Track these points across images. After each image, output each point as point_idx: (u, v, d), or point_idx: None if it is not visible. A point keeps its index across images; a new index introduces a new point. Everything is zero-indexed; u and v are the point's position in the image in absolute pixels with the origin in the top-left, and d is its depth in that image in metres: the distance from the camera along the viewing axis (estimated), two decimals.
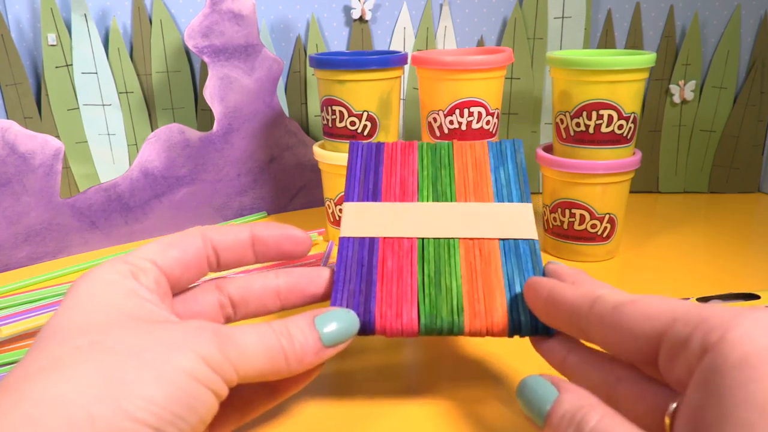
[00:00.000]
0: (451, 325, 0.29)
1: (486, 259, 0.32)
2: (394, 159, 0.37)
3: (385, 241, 0.33)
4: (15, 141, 0.51)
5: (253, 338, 0.25)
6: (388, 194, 0.35)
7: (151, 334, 0.23)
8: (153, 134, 0.58)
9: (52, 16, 0.62)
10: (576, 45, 0.67)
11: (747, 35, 0.66)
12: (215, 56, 0.59)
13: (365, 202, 0.35)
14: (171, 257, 0.28)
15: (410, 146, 0.38)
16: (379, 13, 0.67)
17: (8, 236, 0.53)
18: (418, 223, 0.33)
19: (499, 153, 0.38)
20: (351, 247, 0.33)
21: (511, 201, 0.35)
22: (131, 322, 0.24)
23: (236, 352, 0.24)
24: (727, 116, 0.67)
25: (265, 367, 0.25)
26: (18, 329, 0.42)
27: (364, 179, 0.36)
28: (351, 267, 0.32)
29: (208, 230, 0.30)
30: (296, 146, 0.66)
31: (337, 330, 0.27)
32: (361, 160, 0.37)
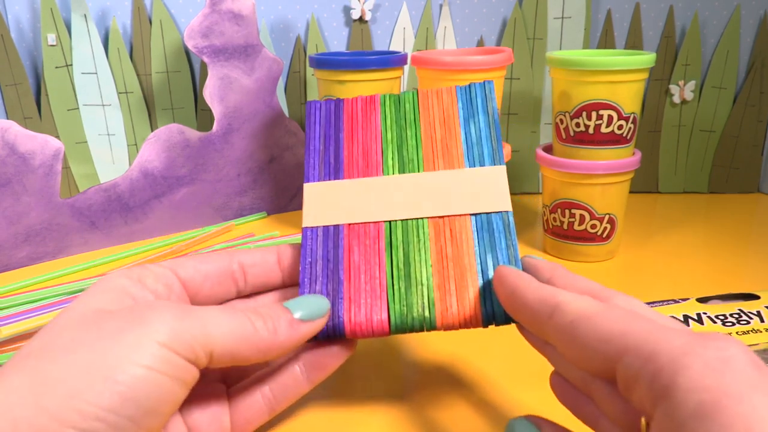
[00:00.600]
0: (422, 322, 0.28)
1: (457, 241, 0.30)
2: (355, 121, 0.34)
3: (350, 228, 0.31)
4: (15, 141, 0.51)
5: (216, 311, 0.24)
6: (351, 168, 0.33)
7: (99, 325, 0.22)
8: (153, 134, 0.58)
9: (52, 17, 0.62)
10: (576, 45, 0.67)
11: (747, 35, 0.66)
12: (215, 56, 0.59)
13: (327, 181, 0.32)
14: (191, 266, 0.28)
15: (372, 101, 0.35)
16: (378, 14, 0.67)
17: (8, 236, 0.53)
18: (384, 202, 0.31)
19: (468, 102, 0.35)
20: (315, 239, 0.31)
21: (483, 164, 0.32)
22: (90, 317, 0.23)
23: (198, 325, 0.23)
24: (727, 116, 0.67)
25: (234, 342, 0.24)
26: (18, 329, 0.42)
27: (324, 151, 0.33)
28: (316, 264, 0.30)
29: (235, 251, 0.31)
30: (296, 146, 0.66)
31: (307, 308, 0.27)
32: (319, 127, 0.34)
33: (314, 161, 0.33)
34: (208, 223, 0.64)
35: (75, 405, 0.20)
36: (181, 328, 0.22)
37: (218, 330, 0.23)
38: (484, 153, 0.33)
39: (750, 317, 0.38)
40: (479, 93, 0.35)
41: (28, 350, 0.22)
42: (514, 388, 0.35)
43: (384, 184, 0.32)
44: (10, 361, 0.22)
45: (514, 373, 0.37)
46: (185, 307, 0.24)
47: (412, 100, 0.35)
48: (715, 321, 0.38)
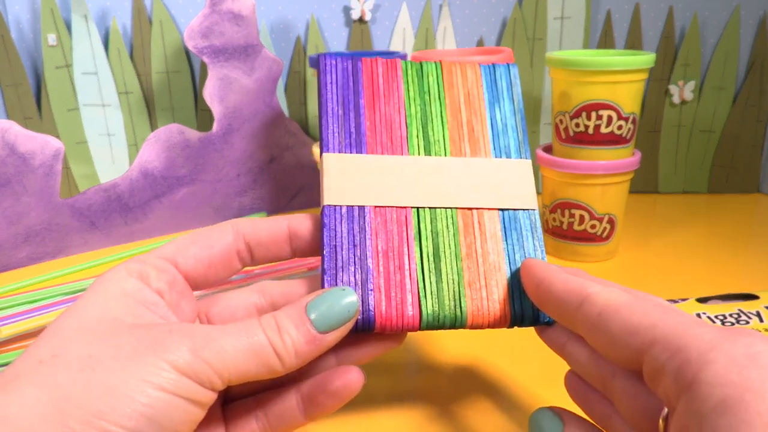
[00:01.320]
0: (453, 320, 0.27)
1: (486, 237, 0.29)
2: (375, 86, 0.32)
3: (377, 211, 0.29)
4: (15, 141, 0.51)
5: (234, 337, 0.23)
6: (374, 142, 0.30)
7: (115, 341, 0.22)
8: (153, 134, 0.58)
9: (52, 17, 0.62)
10: (575, 45, 0.67)
11: (746, 36, 0.66)
12: (215, 57, 0.59)
13: (349, 154, 0.30)
14: (191, 255, 0.27)
15: (393, 67, 0.32)
16: (378, 14, 0.67)
17: (8, 236, 0.53)
18: (411, 186, 0.29)
19: (493, 84, 0.33)
20: (338, 219, 0.28)
21: (509, 155, 0.31)
22: (103, 327, 0.23)
23: (214, 354, 0.22)
24: (727, 116, 0.67)
25: (251, 366, 0.23)
26: (18, 329, 0.42)
27: (343, 116, 0.31)
28: (342, 248, 0.28)
29: (240, 223, 0.28)
30: (296, 146, 0.66)
31: (332, 313, 0.25)
32: (336, 87, 0.31)
33: (333, 127, 0.30)
34: (208, 223, 0.64)
35: (100, 425, 0.20)
36: (200, 358, 0.22)
37: (237, 358, 0.23)
38: (510, 144, 0.32)
39: (749, 317, 0.38)
40: (504, 76, 0.33)
41: (39, 356, 0.21)
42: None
43: (410, 165, 0.30)
44: (21, 366, 0.21)
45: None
46: (203, 334, 0.23)
47: (435, 72, 0.33)
48: (714, 321, 0.38)
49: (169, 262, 0.27)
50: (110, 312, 0.23)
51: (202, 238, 0.27)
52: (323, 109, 0.31)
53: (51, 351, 0.22)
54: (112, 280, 0.25)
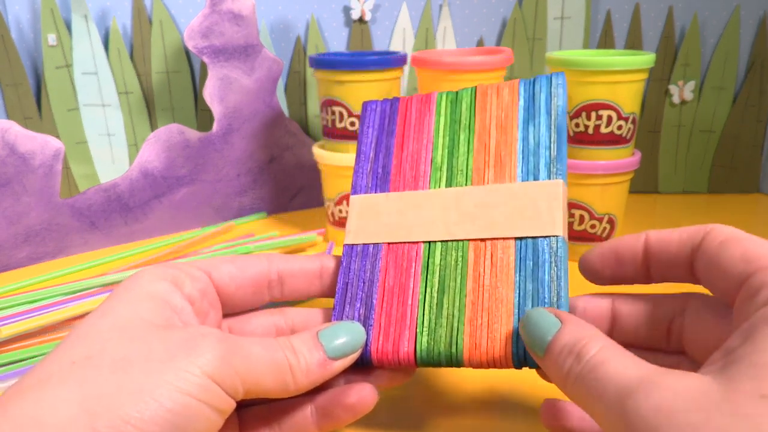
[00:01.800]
0: (449, 358, 0.26)
1: (497, 269, 0.27)
2: (408, 124, 0.32)
3: (389, 248, 0.29)
4: (15, 141, 0.51)
5: (258, 347, 0.24)
6: (398, 178, 0.31)
7: (148, 343, 0.22)
8: (153, 134, 0.58)
9: (53, 17, 0.62)
10: (575, 45, 0.67)
11: (746, 36, 0.66)
12: (215, 57, 0.59)
13: (373, 194, 0.31)
14: (226, 272, 0.28)
15: (427, 101, 0.32)
16: (378, 14, 0.67)
17: (8, 236, 0.53)
18: (427, 220, 0.29)
19: (531, 99, 0.31)
20: (354, 257, 0.30)
21: (537, 177, 0.29)
22: (135, 329, 0.23)
23: (242, 361, 0.23)
24: (727, 116, 0.67)
25: (269, 380, 0.24)
26: (18, 329, 0.42)
27: (374, 159, 0.31)
28: (353, 285, 0.29)
29: (275, 256, 0.30)
30: (296, 146, 0.66)
31: (341, 342, 0.26)
32: (372, 131, 0.32)
33: (363, 170, 0.32)
34: (208, 223, 0.64)
35: (126, 429, 0.20)
36: (229, 364, 0.22)
37: (259, 369, 0.24)
38: (540, 164, 0.29)
39: None
40: (544, 88, 0.31)
41: (72, 357, 0.22)
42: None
43: (429, 199, 0.30)
44: (55, 367, 0.21)
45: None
46: (234, 341, 0.23)
47: (469, 98, 0.32)
48: None
49: (204, 272, 0.27)
50: (141, 313, 0.24)
51: (239, 260, 0.29)
52: (358, 152, 0.32)
53: (84, 352, 0.22)
54: (143, 282, 0.25)
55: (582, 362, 0.21)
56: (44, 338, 0.43)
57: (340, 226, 0.57)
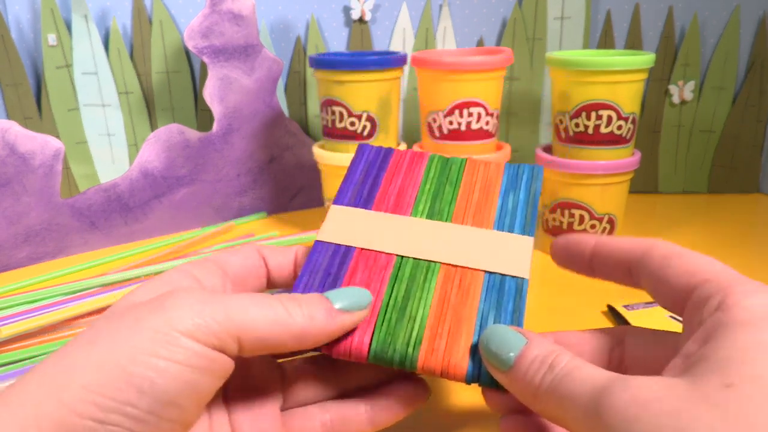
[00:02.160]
0: (403, 357, 0.26)
1: (463, 292, 0.28)
2: (399, 167, 0.34)
3: (361, 252, 0.30)
4: (15, 141, 0.51)
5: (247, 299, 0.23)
6: (381, 203, 0.32)
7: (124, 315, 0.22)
8: (153, 135, 0.58)
9: (53, 17, 0.62)
10: (575, 45, 0.67)
11: (746, 36, 0.66)
12: (215, 57, 0.59)
13: (353, 208, 0.32)
14: (235, 263, 0.28)
15: (420, 157, 0.34)
16: (378, 14, 0.67)
17: (8, 236, 0.53)
18: (403, 239, 0.30)
19: (514, 176, 0.34)
20: (323, 252, 0.30)
21: (512, 231, 0.31)
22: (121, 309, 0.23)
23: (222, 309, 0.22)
24: (727, 116, 0.67)
25: (267, 329, 0.23)
26: (18, 329, 0.42)
27: (360, 184, 0.33)
28: (316, 274, 0.29)
29: (261, 246, 0.30)
30: (296, 146, 0.66)
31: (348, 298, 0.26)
32: (363, 164, 0.34)
33: (347, 189, 0.33)
34: (208, 223, 0.64)
35: (92, 398, 0.20)
36: (204, 315, 0.22)
37: (245, 315, 0.22)
38: (516, 222, 0.32)
39: None
40: (526, 172, 0.35)
41: (63, 346, 0.22)
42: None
43: (408, 223, 0.31)
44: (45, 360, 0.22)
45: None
46: (208, 294, 0.23)
47: (459, 164, 0.35)
48: None
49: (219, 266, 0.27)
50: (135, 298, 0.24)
51: (237, 251, 0.29)
52: (346, 178, 0.33)
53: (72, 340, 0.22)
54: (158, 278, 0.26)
55: (555, 371, 0.22)
56: (44, 338, 0.43)
57: None
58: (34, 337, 0.43)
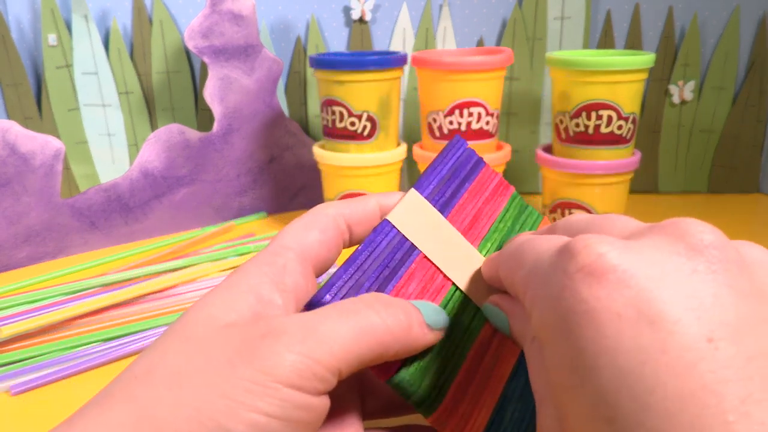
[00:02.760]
0: (422, 400, 0.24)
1: (497, 360, 0.26)
2: (483, 188, 0.31)
3: (423, 260, 0.27)
4: (15, 141, 0.51)
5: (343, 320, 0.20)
6: (457, 218, 0.29)
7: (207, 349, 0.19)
8: (153, 135, 0.58)
9: (53, 17, 0.62)
10: (575, 45, 0.67)
11: (746, 36, 0.66)
12: (215, 57, 0.59)
13: (431, 205, 0.28)
14: (314, 244, 0.24)
15: (505, 189, 0.31)
16: (378, 14, 0.67)
17: (8, 236, 0.53)
18: (464, 269, 0.27)
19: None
20: (389, 237, 0.26)
21: None
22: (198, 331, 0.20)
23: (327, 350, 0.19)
24: (727, 116, 0.67)
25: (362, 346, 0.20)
26: (18, 329, 0.42)
27: (446, 182, 0.29)
28: (374, 259, 0.25)
29: (336, 206, 0.26)
30: (296, 146, 0.66)
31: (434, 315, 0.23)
32: (454, 161, 0.30)
33: (432, 179, 0.29)
34: (208, 223, 0.64)
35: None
36: (304, 357, 0.19)
37: (344, 341, 0.20)
38: None
39: None
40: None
41: (136, 371, 0.20)
42: None
43: (473, 255, 0.28)
44: (118, 383, 0.20)
45: None
46: (307, 325, 0.20)
47: (535, 220, 0.32)
48: None
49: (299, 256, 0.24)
50: (210, 310, 0.21)
51: (314, 222, 0.25)
52: (435, 164, 0.29)
53: (147, 364, 0.20)
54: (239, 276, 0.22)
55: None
56: (44, 338, 0.43)
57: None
58: (34, 337, 0.43)
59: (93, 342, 0.43)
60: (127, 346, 0.42)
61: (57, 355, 0.41)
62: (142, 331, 0.44)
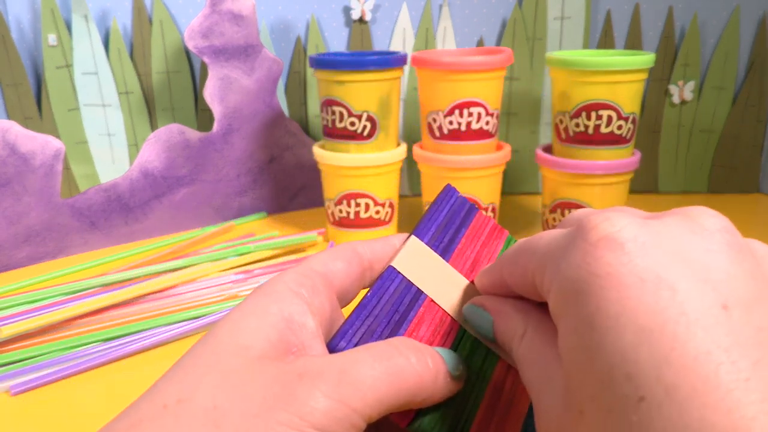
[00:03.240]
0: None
1: (513, 398, 0.26)
2: (479, 233, 0.31)
3: (431, 304, 0.27)
4: (15, 141, 0.51)
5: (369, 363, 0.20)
6: (458, 261, 0.29)
7: (243, 386, 0.19)
8: (153, 135, 0.58)
9: (53, 17, 0.62)
10: (575, 45, 0.67)
11: (746, 36, 0.66)
12: (215, 57, 0.59)
13: (433, 251, 0.29)
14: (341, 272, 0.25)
15: (499, 233, 0.32)
16: (378, 14, 0.67)
17: (8, 236, 0.53)
18: None
19: None
20: (396, 283, 0.26)
21: None
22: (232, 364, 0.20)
23: (352, 390, 0.19)
24: (726, 116, 0.67)
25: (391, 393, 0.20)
26: (18, 329, 0.42)
27: (444, 228, 0.30)
28: (385, 303, 0.25)
29: (360, 245, 0.26)
30: (296, 146, 0.66)
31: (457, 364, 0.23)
32: (449, 208, 0.31)
33: (431, 225, 0.29)
34: (208, 223, 0.64)
35: None
36: (341, 403, 0.19)
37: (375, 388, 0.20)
38: None
39: None
40: None
41: (164, 399, 0.19)
42: None
43: None
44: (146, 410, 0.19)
45: None
46: (336, 369, 0.20)
47: None
48: None
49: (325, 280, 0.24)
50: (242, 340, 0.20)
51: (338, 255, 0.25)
52: (431, 212, 0.30)
53: (177, 393, 0.19)
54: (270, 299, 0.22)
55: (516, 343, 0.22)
56: (44, 338, 0.43)
57: (340, 226, 0.57)
58: (34, 337, 0.43)
59: (93, 342, 0.43)
60: (127, 346, 0.42)
61: (57, 355, 0.41)
62: (142, 331, 0.44)
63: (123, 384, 0.39)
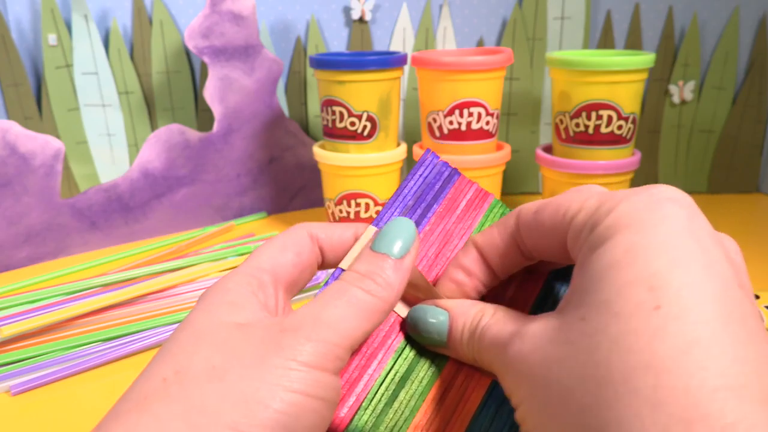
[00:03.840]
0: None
1: (462, 396, 0.25)
2: (456, 202, 0.29)
3: None
4: (15, 141, 0.51)
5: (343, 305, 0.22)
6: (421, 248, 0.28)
7: (233, 347, 0.21)
8: (153, 135, 0.58)
9: (53, 17, 0.62)
10: (575, 45, 0.67)
11: (746, 36, 0.66)
12: (215, 57, 0.59)
13: None
14: (287, 265, 0.25)
15: (483, 198, 0.30)
16: (378, 14, 0.67)
17: (8, 236, 0.53)
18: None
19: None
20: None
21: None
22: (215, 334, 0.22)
23: (330, 330, 0.21)
24: (726, 117, 0.67)
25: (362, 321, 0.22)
26: (18, 329, 0.42)
27: (410, 210, 0.28)
28: None
29: (314, 228, 0.27)
30: (296, 147, 0.66)
31: (399, 235, 0.24)
32: (421, 182, 0.29)
33: (392, 211, 0.28)
34: (208, 223, 0.64)
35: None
36: (325, 343, 0.21)
37: (349, 325, 0.22)
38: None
39: None
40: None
41: (162, 374, 0.21)
42: None
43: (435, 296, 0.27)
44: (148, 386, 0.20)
45: None
46: (311, 317, 0.22)
47: None
48: None
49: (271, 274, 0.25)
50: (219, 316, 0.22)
51: (290, 243, 0.26)
52: (397, 192, 0.29)
53: (172, 367, 0.21)
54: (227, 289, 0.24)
55: (475, 337, 0.23)
56: (44, 338, 0.43)
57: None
58: (34, 337, 0.43)
59: (93, 342, 0.43)
60: (127, 346, 0.42)
61: (57, 355, 0.41)
62: (142, 331, 0.44)
63: (123, 384, 0.39)
